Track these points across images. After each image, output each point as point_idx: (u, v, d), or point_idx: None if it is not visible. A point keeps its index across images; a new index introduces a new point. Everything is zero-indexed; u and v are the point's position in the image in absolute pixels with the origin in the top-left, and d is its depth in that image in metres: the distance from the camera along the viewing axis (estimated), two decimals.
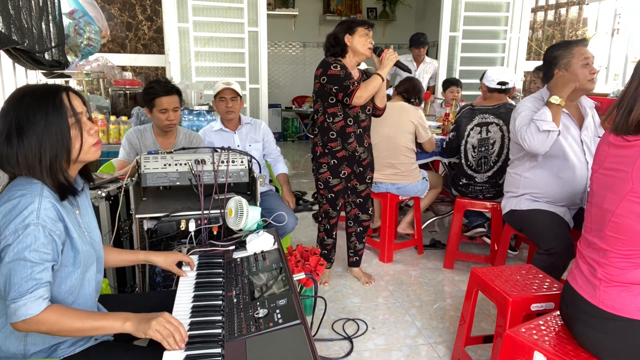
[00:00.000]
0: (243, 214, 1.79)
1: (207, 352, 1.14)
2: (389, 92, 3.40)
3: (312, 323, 2.05)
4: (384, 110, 2.76)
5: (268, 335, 1.16)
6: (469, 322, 2.05)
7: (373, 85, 2.51)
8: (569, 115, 2.31)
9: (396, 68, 2.86)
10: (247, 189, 2.29)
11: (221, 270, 1.59)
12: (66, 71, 3.73)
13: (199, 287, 1.48)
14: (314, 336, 2.24)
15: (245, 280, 1.47)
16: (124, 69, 4.53)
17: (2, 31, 2.32)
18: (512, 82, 3.05)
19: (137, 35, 4.89)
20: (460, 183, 3.12)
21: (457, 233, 3.12)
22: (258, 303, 1.31)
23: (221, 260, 1.67)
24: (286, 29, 8.24)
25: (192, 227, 1.89)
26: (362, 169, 2.77)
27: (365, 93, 2.49)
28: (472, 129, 3.03)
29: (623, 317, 1.29)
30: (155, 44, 4.93)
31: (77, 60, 3.88)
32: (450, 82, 4.48)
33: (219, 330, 1.23)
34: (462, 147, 3.08)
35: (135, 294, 2.13)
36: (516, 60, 5.06)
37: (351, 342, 2.30)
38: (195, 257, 1.69)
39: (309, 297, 2.36)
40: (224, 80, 2.82)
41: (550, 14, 5.84)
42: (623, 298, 1.30)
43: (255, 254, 1.66)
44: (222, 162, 2.10)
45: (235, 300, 1.36)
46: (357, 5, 8.39)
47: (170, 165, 2.07)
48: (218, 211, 1.97)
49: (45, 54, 3.24)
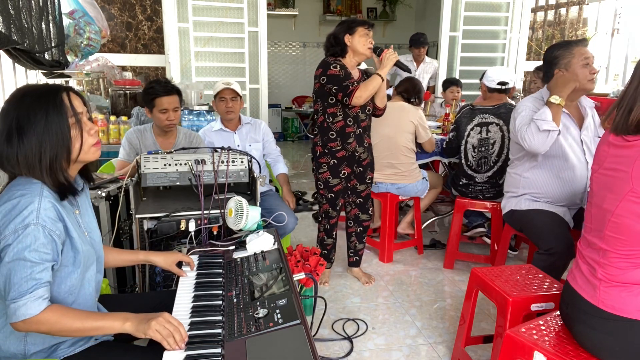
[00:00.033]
0: (243, 214, 1.79)
1: (207, 352, 1.14)
2: (388, 92, 3.39)
3: (312, 323, 2.05)
4: (384, 111, 2.76)
5: (268, 335, 1.16)
6: (469, 322, 2.05)
7: (372, 85, 2.51)
8: (569, 115, 2.31)
9: (396, 68, 2.86)
10: (247, 189, 2.29)
11: (221, 270, 1.59)
12: (66, 71, 3.73)
13: (199, 287, 1.48)
14: (314, 336, 2.24)
15: (245, 280, 1.47)
16: (124, 69, 4.53)
17: (2, 31, 2.32)
18: (512, 82, 3.05)
19: (137, 35, 4.89)
20: (460, 183, 3.12)
21: (457, 233, 3.12)
22: (258, 303, 1.31)
23: (221, 260, 1.67)
24: (286, 29, 8.24)
25: (192, 227, 1.89)
26: (362, 169, 2.77)
27: (365, 93, 2.49)
28: (472, 129, 3.03)
29: (623, 317, 1.29)
30: (155, 44, 4.93)
31: (77, 60, 3.88)
32: (450, 82, 4.47)
33: (219, 330, 1.23)
34: (462, 147, 3.08)
35: (135, 294, 2.13)
36: (516, 60, 5.06)
37: (351, 342, 2.30)
38: (195, 257, 1.69)
39: (309, 297, 2.36)
40: (224, 80, 2.82)
41: (550, 14, 5.84)
42: (623, 298, 1.30)
43: (255, 254, 1.66)
44: (222, 162, 2.10)
45: (235, 300, 1.36)
46: (357, 5, 8.39)
47: (170, 165, 2.07)
48: (218, 211, 1.97)
49: (45, 54, 3.24)
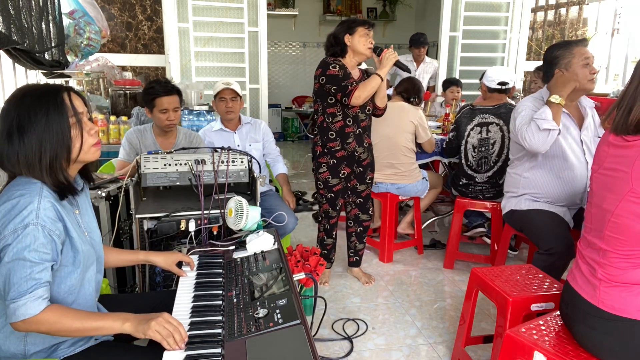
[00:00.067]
0: (243, 214, 1.79)
1: (207, 352, 1.14)
2: (388, 92, 3.39)
3: (312, 323, 2.05)
4: (384, 111, 2.76)
5: (268, 335, 1.16)
6: (469, 322, 2.05)
7: (371, 85, 2.50)
8: (568, 115, 2.31)
9: (396, 68, 2.86)
10: (247, 189, 2.28)
11: (221, 270, 1.59)
12: (66, 71, 3.73)
13: (199, 287, 1.48)
14: (314, 336, 2.24)
15: (245, 280, 1.47)
16: (124, 69, 4.53)
17: (2, 31, 2.32)
18: (512, 82, 3.05)
19: (137, 35, 4.89)
20: (460, 183, 3.12)
21: (457, 233, 3.12)
22: (258, 303, 1.31)
23: (221, 260, 1.67)
24: (286, 29, 8.24)
25: (192, 227, 1.89)
26: (362, 169, 2.76)
27: (364, 93, 2.49)
28: (472, 129, 3.03)
29: (623, 317, 1.29)
30: (155, 44, 4.93)
31: (77, 60, 3.88)
32: (450, 82, 4.48)
33: (219, 330, 1.23)
34: (462, 147, 3.08)
35: (135, 294, 2.13)
36: (516, 60, 5.06)
37: (351, 342, 2.30)
38: (195, 257, 1.69)
39: (309, 297, 2.36)
40: (224, 80, 2.82)
41: (550, 14, 5.84)
42: (623, 298, 1.30)
43: (255, 254, 1.66)
44: (222, 162, 2.10)
45: (235, 300, 1.36)
46: (357, 5, 8.39)
47: (170, 165, 2.07)
48: (218, 211, 1.97)
49: (45, 54, 3.24)
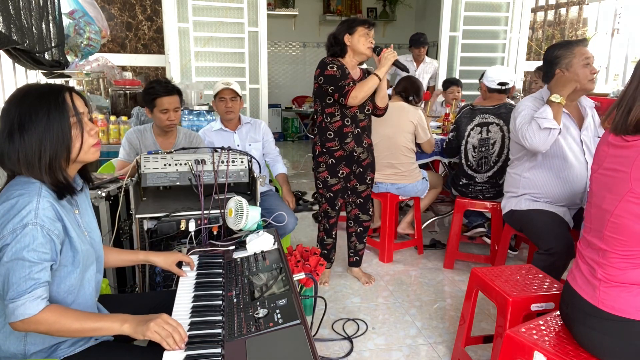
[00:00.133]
0: (243, 214, 1.79)
1: (207, 352, 1.14)
2: (388, 92, 3.39)
3: (312, 323, 2.05)
4: (385, 110, 2.75)
5: (268, 335, 1.16)
6: (469, 322, 2.05)
7: (369, 85, 2.50)
8: (568, 115, 2.31)
9: (396, 68, 2.85)
10: (247, 189, 2.28)
11: (221, 270, 1.59)
12: (66, 71, 3.73)
13: (199, 287, 1.48)
14: (314, 336, 2.24)
15: (245, 280, 1.47)
16: (124, 69, 4.54)
17: (2, 31, 2.32)
18: (512, 82, 3.05)
19: (137, 35, 4.89)
20: (460, 183, 3.12)
21: (457, 233, 3.12)
22: (258, 303, 1.31)
23: (221, 260, 1.67)
24: (286, 29, 8.24)
25: (192, 227, 1.89)
26: (362, 170, 2.76)
27: (361, 93, 2.49)
28: (472, 129, 3.03)
29: (623, 318, 1.29)
30: (155, 44, 4.93)
31: (77, 60, 3.88)
32: (451, 82, 4.47)
33: (219, 330, 1.23)
34: (462, 147, 3.08)
35: (135, 294, 2.13)
36: (516, 60, 5.06)
37: (351, 342, 2.30)
38: (195, 257, 1.69)
39: (309, 297, 2.36)
40: (224, 80, 2.82)
41: (550, 14, 5.84)
42: (623, 298, 1.30)
43: (255, 254, 1.66)
44: (222, 162, 2.10)
45: (235, 300, 1.36)
46: (357, 5, 8.39)
47: (170, 165, 2.07)
48: (218, 211, 1.97)
49: (45, 54, 3.24)
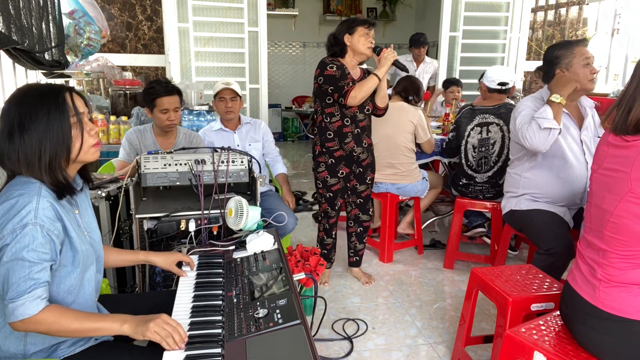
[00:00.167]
0: (243, 214, 1.79)
1: (207, 352, 1.14)
2: (388, 92, 3.39)
3: (312, 323, 2.05)
4: (385, 110, 2.75)
5: (268, 335, 1.16)
6: (469, 322, 2.05)
7: (368, 85, 2.50)
8: (568, 115, 2.31)
9: (396, 68, 2.85)
10: (247, 189, 2.28)
11: (221, 270, 1.59)
12: (66, 71, 3.73)
13: (199, 287, 1.48)
14: (314, 336, 2.24)
15: (245, 280, 1.47)
16: (124, 69, 4.53)
17: (2, 31, 2.32)
18: (512, 82, 3.05)
19: (137, 35, 4.89)
20: (460, 183, 3.11)
21: (457, 233, 3.12)
22: (258, 303, 1.31)
23: (221, 260, 1.67)
24: (286, 29, 8.24)
25: (192, 227, 1.89)
26: (362, 170, 2.76)
27: (360, 94, 2.49)
28: (472, 129, 3.03)
29: (623, 318, 1.29)
30: (155, 44, 4.93)
31: (77, 60, 3.88)
32: (451, 82, 4.47)
33: (219, 330, 1.23)
34: (462, 147, 3.08)
35: (135, 294, 2.13)
36: (516, 60, 5.06)
37: (351, 342, 2.30)
38: (195, 257, 1.69)
39: (309, 297, 2.36)
40: (224, 80, 2.82)
41: (550, 14, 5.84)
42: (623, 298, 1.30)
43: (255, 254, 1.66)
44: (222, 162, 2.10)
45: (235, 300, 1.36)
46: (357, 5, 8.39)
47: (170, 165, 2.07)
48: (218, 211, 1.97)
49: (45, 54, 3.24)
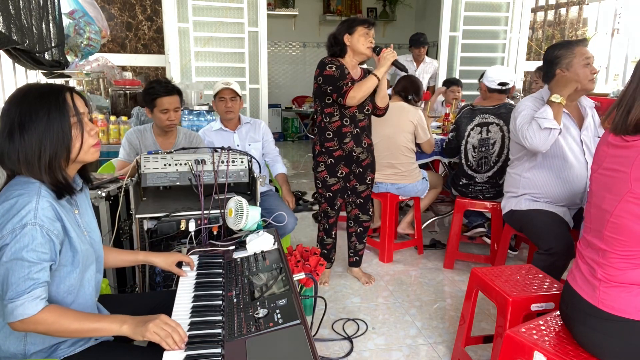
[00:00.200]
0: (243, 214, 1.79)
1: (207, 352, 1.14)
2: (388, 92, 3.39)
3: (312, 323, 2.05)
4: (385, 110, 2.75)
5: (268, 335, 1.16)
6: (469, 322, 2.05)
7: (367, 85, 2.50)
8: (568, 115, 2.31)
9: (396, 68, 2.85)
10: (247, 189, 2.29)
11: (221, 270, 1.59)
12: (66, 71, 3.73)
13: (199, 287, 1.48)
14: (314, 336, 2.24)
15: (245, 280, 1.47)
16: (124, 69, 4.53)
17: (2, 31, 2.32)
18: (512, 82, 3.05)
19: (137, 35, 4.89)
20: (460, 183, 3.11)
21: (457, 233, 3.12)
22: (258, 303, 1.31)
23: (221, 260, 1.67)
24: (286, 29, 8.24)
25: (192, 227, 1.89)
26: (361, 170, 2.76)
27: (359, 94, 2.49)
28: (472, 129, 3.03)
29: (622, 318, 1.29)
30: (155, 44, 4.93)
31: (77, 60, 3.88)
32: (451, 82, 4.47)
33: (219, 330, 1.23)
34: (462, 147, 3.08)
35: (135, 294, 2.13)
36: (516, 60, 5.06)
37: (351, 342, 2.30)
38: (195, 257, 1.69)
39: (309, 297, 2.36)
40: (224, 80, 2.82)
41: (550, 14, 5.84)
42: (623, 298, 1.30)
43: (255, 254, 1.66)
44: (222, 162, 2.10)
45: (235, 300, 1.36)
46: (357, 5, 8.39)
47: (170, 165, 2.07)
48: (218, 211, 1.97)
49: (45, 54, 3.24)
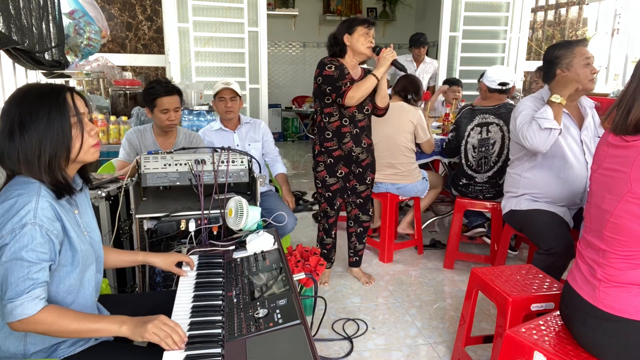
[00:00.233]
0: (243, 214, 1.79)
1: (207, 352, 1.14)
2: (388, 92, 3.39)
3: (312, 323, 2.05)
4: (386, 110, 2.74)
5: (268, 335, 1.16)
6: (469, 322, 2.05)
7: (366, 85, 2.50)
8: (568, 115, 2.31)
9: (396, 69, 2.84)
10: (247, 189, 2.29)
11: (221, 270, 1.59)
12: (66, 71, 3.73)
13: (199, 287, 1.48)
14: (314, 336, 2.24)
15: (245, 280, 1.47)
16: (124, 69, 4.53)
17: (2, 31, 2.32)
18: (512, 82, 3.05)
19: (137, 35, 4.89)
20: (460, 183, 3.11)
21: (457, 233, 3.12)
22: (258, 303, 1.31)
23: (221, 260, 1.67)
24: (286, 29, 8.24)
25: (192, 227, 1.89)
26: (361, 170, 2.76)
27: (358, 94, 2.48)
28: (472, 129, 3.03)
29: (622, 318, 1.29)
30: (155, 44, 4.93)
31: (77, 60, 3.88)
32: (451, 82, 4.47)
33: (219, 330, 1.23)
34: (462, 147, 3.08)
35: (135, 294, 2.13)
36: (516, 60, 5.06)
37: (351, 342, 2.30)
38: (195, 257, 1.69)
39: (309, 297, 2.36)
40: (224, 80, 2.82)
41: (550, 14, 5.84)
42: (622, 299, 1.30)
43: (255, 254, 1.66)
44: (222, 162, 2.10)
45: (235, 300, 1.36)
46: (357, 5, 8.39)
47: (170, 165, 2.07)
48: (218, 211, 1.97)
49: (45, 54, 3.24)
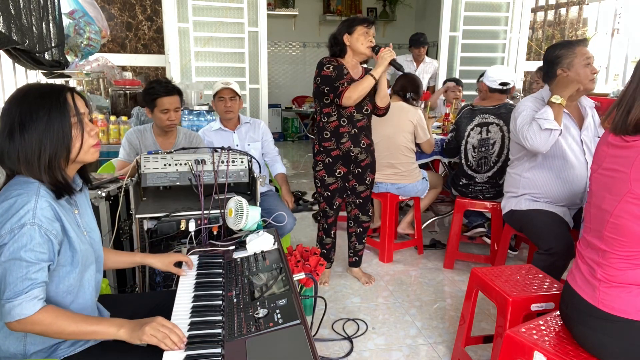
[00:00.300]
0: (243, 214, 1.79)
1: (207, 352, 1.14)
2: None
3: (312, 323, 2.05)
4: (386, 110, 2.73)
5: (268, 335, 1.16)
6: (469, 322, 2.05)
7: (363, 86, 2.49)
8: (569, 115, 2.31)
9: (395, 69, 2.84)
10: (247, 189, 2.29)
11: (221, 270, 1.59)
12: (66, 71, 3.73)
13: (199, 287, 1.48)
14: (314, 336, 2.24)
15: (245, 280, 1.47)
16: (124, 69, 4.53)
17: (2, 31, 2.32)
18: (513, 82, 3.05)
19: (137, 35, 4.89)
20: (460, 183, 3.11)
21: (457, 233, 3.12)
22: (258, 303, 1.31)
23: (221, 260, 1.67)
24: (286, 29, 8.24)
25: (192, 227, 1.89)
26: (360, 170, 2.75)
27: (355, 94, 2.48)
28: (472, 129, 3.03)
29: (622, 318, 1.29)
30: (155, 44, 4.93)
31: (77, 60, 3.88)
32: (451, 82, 4.47)
33: (219, 330, 1.23)
34: (462, 147, 3.08)
35: (135, 294, 2.13)
36: (516, 60, 5.06)
37: (351, 342, 2.30)
38: (195, 257, 1.69)
39: (309, 297, 2.36)
40: (224, 80, 2.82)
41: (550, 14, 5.84)
42: (622, 299, 1.30)
43: (255, 254, 1.66)
44: (222, 162, 2.10)
45: (235, 300, 1.36)
46: (357, 5, 8.39)
47: (170, 165, 2.07)
48: (218, 211, 1.97)
49: (45, 54, 3.24)
